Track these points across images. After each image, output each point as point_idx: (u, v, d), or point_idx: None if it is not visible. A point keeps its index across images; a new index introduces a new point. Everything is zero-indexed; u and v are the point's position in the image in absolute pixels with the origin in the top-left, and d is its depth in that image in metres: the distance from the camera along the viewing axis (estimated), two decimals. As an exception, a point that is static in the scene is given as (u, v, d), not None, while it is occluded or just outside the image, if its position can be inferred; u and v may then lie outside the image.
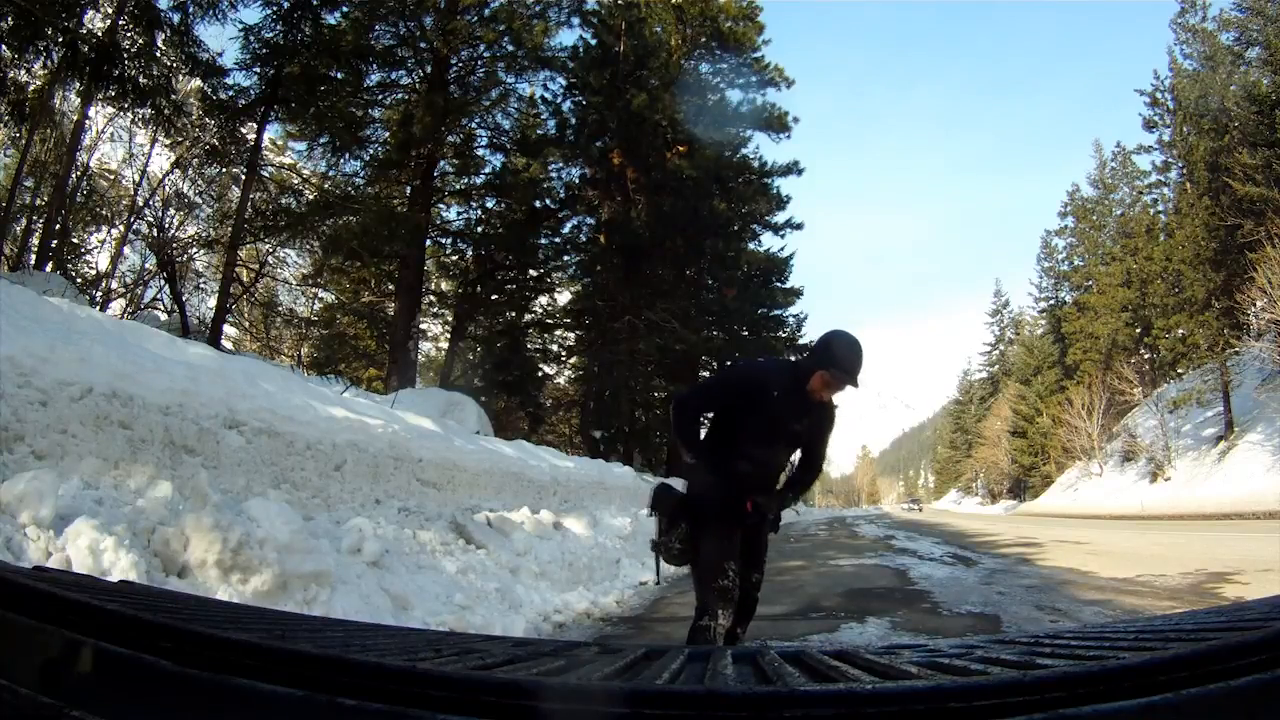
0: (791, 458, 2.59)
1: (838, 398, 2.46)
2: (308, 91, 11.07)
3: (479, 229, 17.90)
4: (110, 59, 8.78)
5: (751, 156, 22.27)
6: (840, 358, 2.29)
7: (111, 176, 14.48)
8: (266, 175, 12.06)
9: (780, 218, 23.53)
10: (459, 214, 18.34)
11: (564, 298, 21.73)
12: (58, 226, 11.57)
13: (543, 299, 20.80)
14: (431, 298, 18.68)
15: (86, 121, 10.83)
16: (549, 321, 20.96)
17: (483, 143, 17.12)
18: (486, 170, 17.62)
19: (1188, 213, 24.87)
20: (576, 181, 19.84)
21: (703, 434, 2.51)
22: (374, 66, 13.86)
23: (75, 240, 13.21)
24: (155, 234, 11.81)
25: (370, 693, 0.33)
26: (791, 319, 27.44)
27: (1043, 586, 5.83)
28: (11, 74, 8.71)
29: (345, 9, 11.78)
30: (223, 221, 12.88)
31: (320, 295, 19.46)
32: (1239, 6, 23.73)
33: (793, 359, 2.84)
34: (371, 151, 15.11)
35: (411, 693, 0.33)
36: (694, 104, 19.22)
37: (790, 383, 2.36)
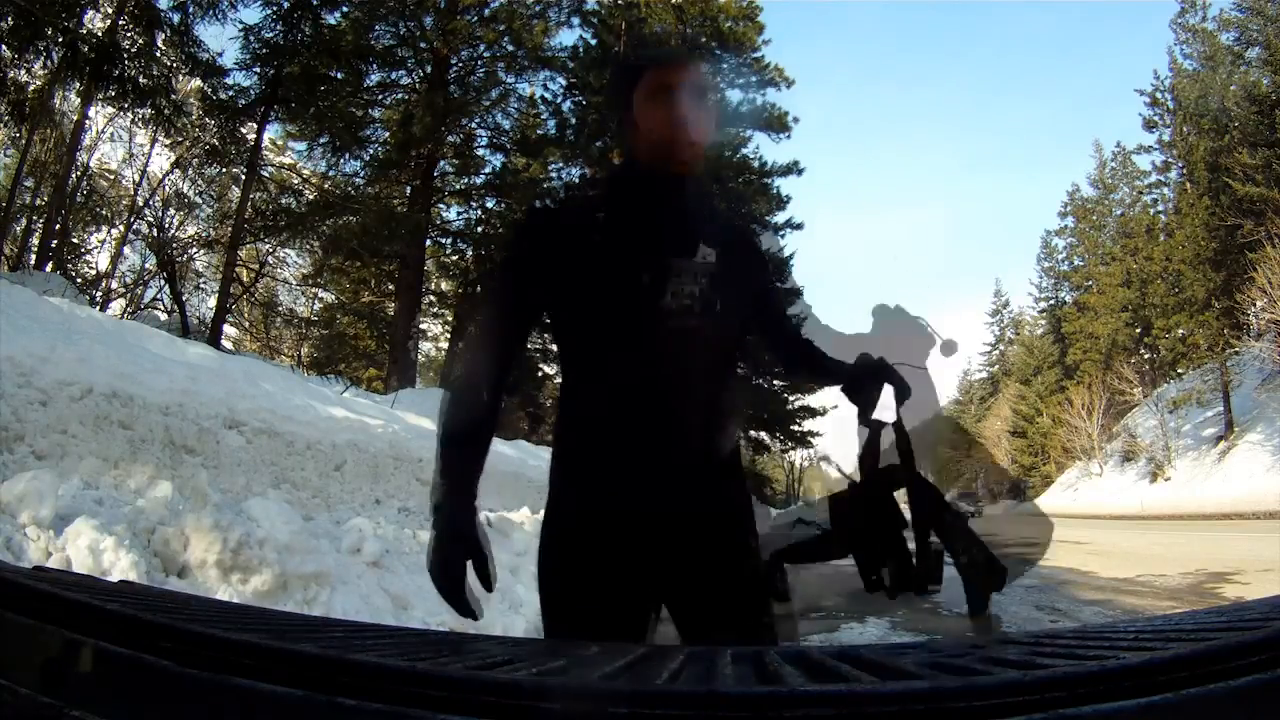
0: (732, 360, 1.18)
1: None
2: (308, 91, 11.09)
3: (479, 229, 17.91)
4: (110, 59, 8.80)
5: (751, 156, 22.29)
6: (640, 54, 1.20)
7: (111, 176, 14.49)
8: (266, 175, 12.08)
9: (780, 218, 23.53)
10: (459, 214, 18.35)
11: (564, 298, 21.70)
12: (58, 226, 11.57)
13: (543, 299, 20.77)
14: (431, 298, 18.69)
15: (86, 121, 10.84)
16: (548, 321, 20.96)
17: (483, 143, 17.15)
18: (486, 170, 17.65)
19: (1188, 213, 24.88)
20: (576, 181, 19.84)
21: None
22: (374, 66, 13.88)
23: (75, 240, 13.22)
24: (155, 234, 11.82)
25: (370, 693, 0.33)
26: (791, 319, 27.40)
27: (1043, 586, 5.83)
28: (11, 74, 8.73)
29: (345, 9, 11.79)
30: (223, 221, 12.90)
31: (320, 295, 19.49)
32: (1239, 6, 23.76)
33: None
34: (371, 151, 15.11)
35: (411, 693, 0.33)
36: (694, 104, 19.20)
37: (622, 191, 1.17)
